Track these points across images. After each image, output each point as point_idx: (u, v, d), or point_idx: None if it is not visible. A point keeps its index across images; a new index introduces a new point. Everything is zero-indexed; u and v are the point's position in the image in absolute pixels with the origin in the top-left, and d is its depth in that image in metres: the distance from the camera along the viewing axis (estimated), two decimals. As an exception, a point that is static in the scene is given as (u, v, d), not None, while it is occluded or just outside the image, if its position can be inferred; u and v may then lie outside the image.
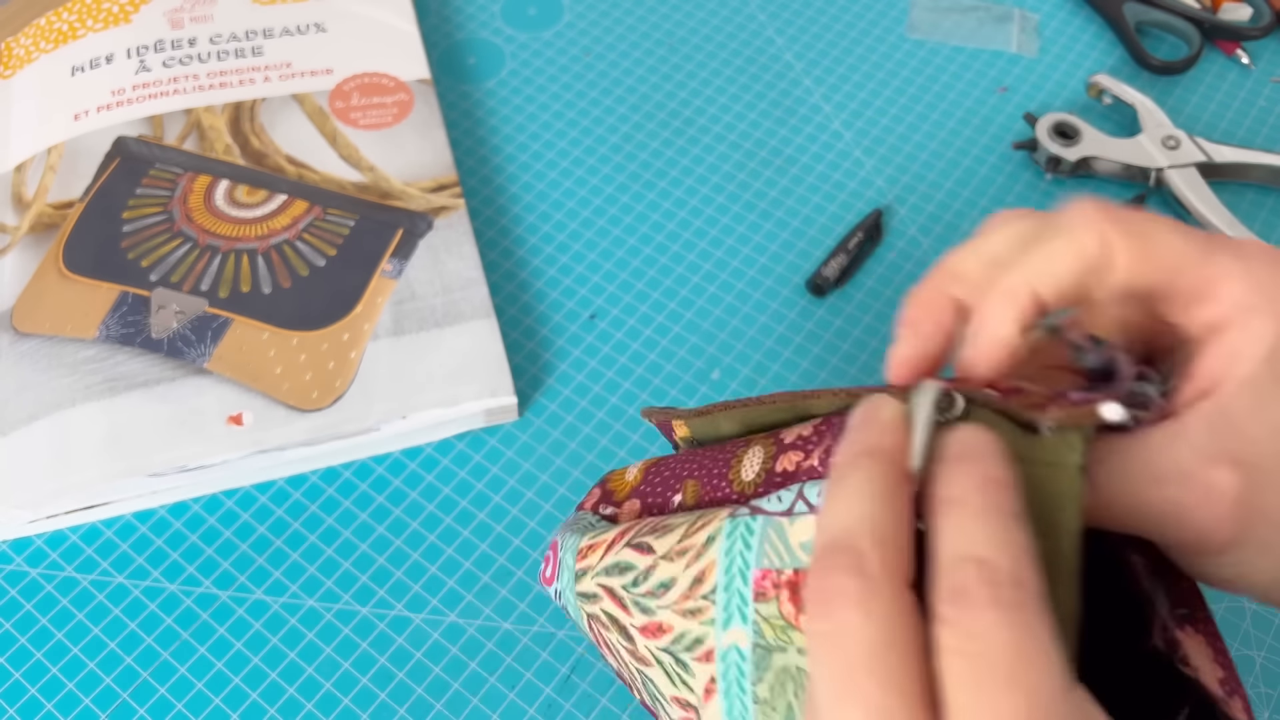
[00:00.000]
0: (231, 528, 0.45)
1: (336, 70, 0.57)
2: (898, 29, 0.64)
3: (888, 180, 0.57)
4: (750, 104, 0.60)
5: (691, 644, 0.29)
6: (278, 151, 0.54)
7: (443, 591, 0.44)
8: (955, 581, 0.21)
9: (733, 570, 0.28)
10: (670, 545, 0.30)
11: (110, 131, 0.54)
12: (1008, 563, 0.21)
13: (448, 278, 0.50)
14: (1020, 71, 0.62)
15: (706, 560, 0.29)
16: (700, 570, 0.29)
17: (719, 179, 0.57)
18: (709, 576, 0.29)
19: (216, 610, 0.43)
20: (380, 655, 0.43)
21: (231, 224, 0.51)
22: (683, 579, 0.29)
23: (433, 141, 0.55)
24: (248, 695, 0.42)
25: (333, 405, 0.46)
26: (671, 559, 0.30)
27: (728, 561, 0.28)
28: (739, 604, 0.28)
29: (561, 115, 0.59)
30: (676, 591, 0.30)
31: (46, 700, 0.41)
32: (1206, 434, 0.25)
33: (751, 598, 0.28)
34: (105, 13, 0.59)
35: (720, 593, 0.28)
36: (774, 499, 0.29)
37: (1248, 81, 0.62)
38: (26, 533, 0.45)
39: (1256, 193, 0.57)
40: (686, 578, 0.29)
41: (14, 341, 0.47)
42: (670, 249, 0.54)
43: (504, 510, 0.46)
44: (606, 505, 0.36)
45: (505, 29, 0.63)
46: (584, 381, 0.50)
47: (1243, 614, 0.44)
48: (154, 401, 0.46)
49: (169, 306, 0.48)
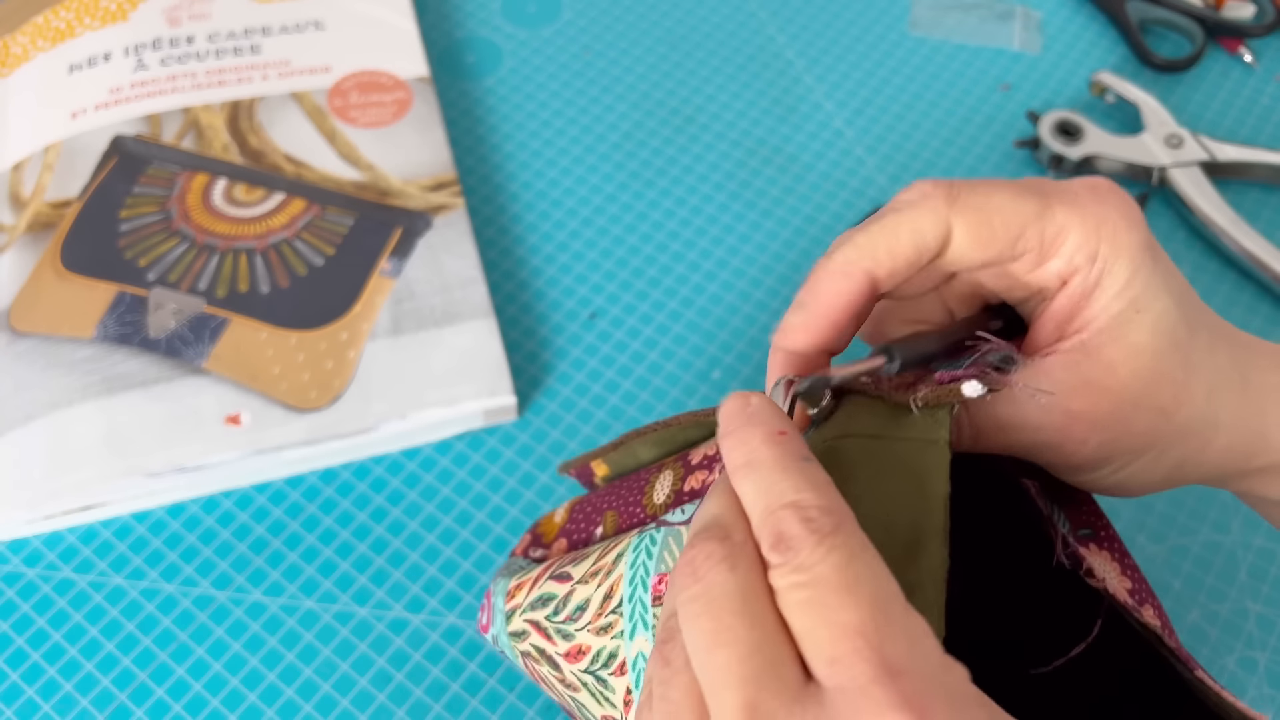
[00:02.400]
0: (229, 528, 0.45)
1: (335, 68, 0.57)
2: (900, 26, 0.63)
3: (889, 178, 0.57)
4: (751, 101, 0.60)
5: (607, 660, 0.31)
6: (276, 150, 0.54)
7: (442, 592, 0.44)
8: (774, 529, 0.22)
9: (635, 580, 0.30)
10: (585, 570, 0.32)
11: (108, 130, 0.54)
12: (814, 498, 0.22)
13: (447, 277, 0.50)
14: (1023, 69, 0.61)
15: (615, 576, 0.31)
16: (610, 586, 0.31)
17: (720, 177, 0.57)
18: (617, 591, 0.30)
19: (214, 611, 0.43)
20: (379, 656, 0.42)
21: (229, 223, 0.51)
22: (595, 598, 0.31)
23: (431, 140, 0.55)
24: (246, 696, 0.41)
25: (331, 405, 0.46)
26: (586, 581, 0.32)
27: (631, 573, 0.30)
28: (641, 611, 0.30)
29: (561, 113, 0.59)
30: (590, 612, 0.31)
31: (44, 701, 0.41)
32: (1065, 370, 0.27)
33: (650, 603, 0.29)
34: (103, 11, 0.58)
35: (625, 604, 0.30)
36: (678, 511, 0.31)
37: (1251, 79, 0.61)
38: (24, 533, 0.45)
39: (1260, 191, 0.56)
40: (598, 596, 0.31)
41: (11, 341, 0.47)
42: (670, 248, 0.54)
43: (503, 511, 0.46)
44: (536, 548, 0.38)
45: (504, 26, 0.63)
46: (584, 381, 0.50)
47: (1246, 616, 0.44)
48: (151, 401, 0.46)
49: (166, 306, 0.48)
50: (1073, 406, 0.27)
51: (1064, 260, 0.28)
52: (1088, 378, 0.27)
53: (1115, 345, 0.27)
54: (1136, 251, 0.27)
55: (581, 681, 0.32)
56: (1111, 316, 0.27)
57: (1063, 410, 0.27)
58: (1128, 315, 0.27)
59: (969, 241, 0.27)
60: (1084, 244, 0.27)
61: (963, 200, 0.27)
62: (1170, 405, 0.28)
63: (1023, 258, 0.28)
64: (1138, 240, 0.27)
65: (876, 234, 0.28)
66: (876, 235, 0.28)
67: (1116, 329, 0.27)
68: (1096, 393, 0.27)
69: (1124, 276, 0.27)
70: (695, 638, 0.22)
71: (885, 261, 0.27)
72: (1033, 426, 0.28)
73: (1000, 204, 0.27)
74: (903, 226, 0.27)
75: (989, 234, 0.27)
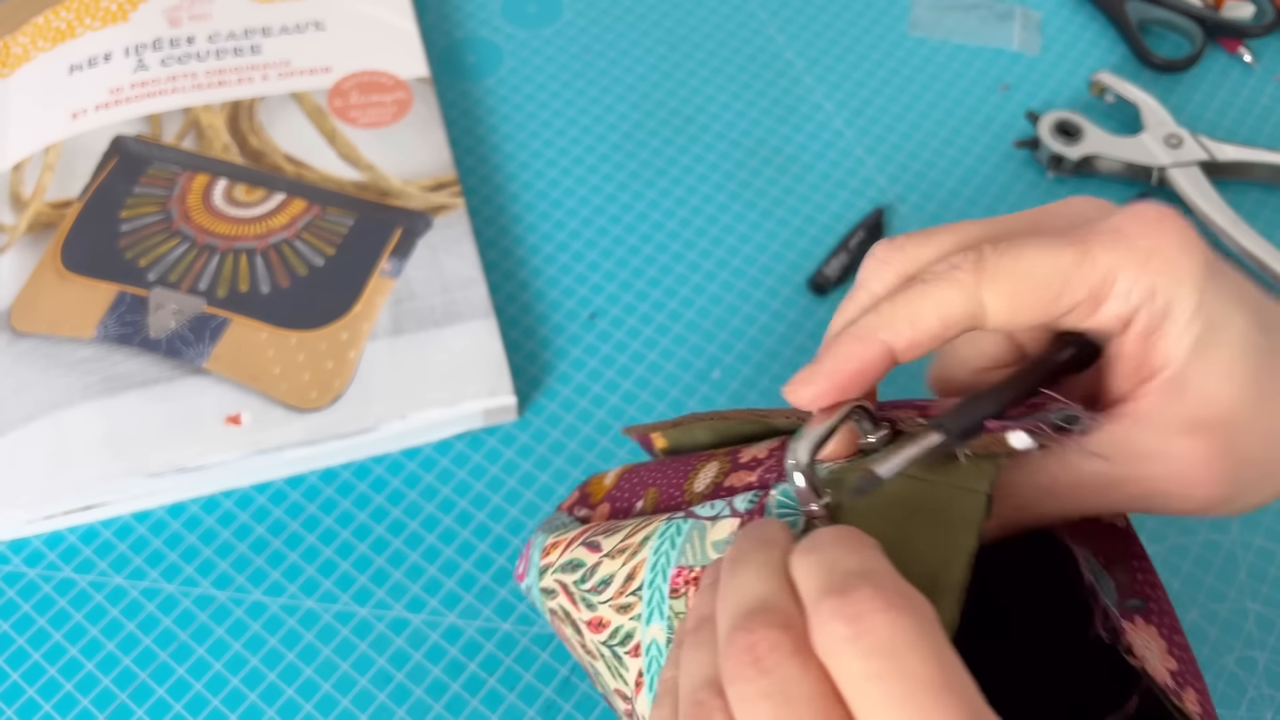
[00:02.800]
0: (230, 528, 0.45)
1: (335, 68, 0.57)
2: (899, 26, 0.63)
3: (889, 179, 0.57)
4: (751, 102, 0.60)
5: (624, 639, 0.31)
6: (276, 150, 0.54)
7: (442, 592, 0.44)
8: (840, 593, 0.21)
9: (657, 568, 0.30)
10: (614, 544, 0.32)
11: (108, 130, 0.54)
12: (888, 571, 0.21)
13: (447, 277, 0.50)
14: (1022, 69, 0.61)
15: (639, 559, 0.31)
16: (633, 567, 0.31)
17: (719, 177, 0.57)
18: (639, 574, 0.30)
19: (215, 611, 0.43)
20: (379, 656, 0.42)
21: (230, 223, 0.51)
22: (619, 575, 0.31)
23: (432, 140, 0.55)
24: (246, 696, 0.41)
25: (331, 405, 0.46)
26: (613, 556, 0.32)
27: (654, 559, 0.30)
28: (658, 600, 0.29)
29: (561, 113, 0.59)
30: (613, 588, 0.31)
31: (44, 701, 0.41)
32: (1164, 410, 0.26)
33: (668, 594, 0.29)
34: (103, 11, 0.58)
35: (645, 589, 0.30)
36: (708, 506, 0.30)
37: (1250, 79, 0.61)
38: (24, 533, 0.45)
39: (1260, 191, 0.57)
40: (622, 574, 0.31)
41: (11, 341, 0.47)
42: (670, 248, 0.54)
43: (503, 511, 0.46)
44: (582, 508, 0.38)
45: (505, 27, 0.63)
46: (584, 381, 0.50)
47: (1245, 615, 0.44)
48: (152, 401, 0.46)
49: (167, 306, 0.48)
50: (1184, 449, 0.25)
51: (1121, 301, 0.26)
52: (1191, 415, 0.25)
53: (1207, 373, 0.25)
54: (1198, 275, 0.25)
55: (599, 652, 0.32)
56: (1190, 346, 0.25)
57: (1178, 455, 0.25)
58: (1207, 341, 0.25)
59: (1006, 311, 0.26)
60: (1138, 281, 0.25)
61: (991, 268, 0.26)
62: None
63: (1074, 311, 0.26)
64: (1197, 262, 0.25)
65: (901, 305, 0.26)
66: (901, 306, 0.26)
67: (1202, 356, 0.25)
68: (1205, 430, 0.25)
69: (1191, 303, 0.25)
70: None
71: (906, 333, 0.26)
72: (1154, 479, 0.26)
73: (1032, 265, 0.25)
74: (927, 301, 0.26)
75: (1027, 300, 0.26)
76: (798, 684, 0.20)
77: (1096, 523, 0.29)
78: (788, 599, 0.22)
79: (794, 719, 0.20)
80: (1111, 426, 0.26)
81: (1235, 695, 0.42)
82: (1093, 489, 0.26)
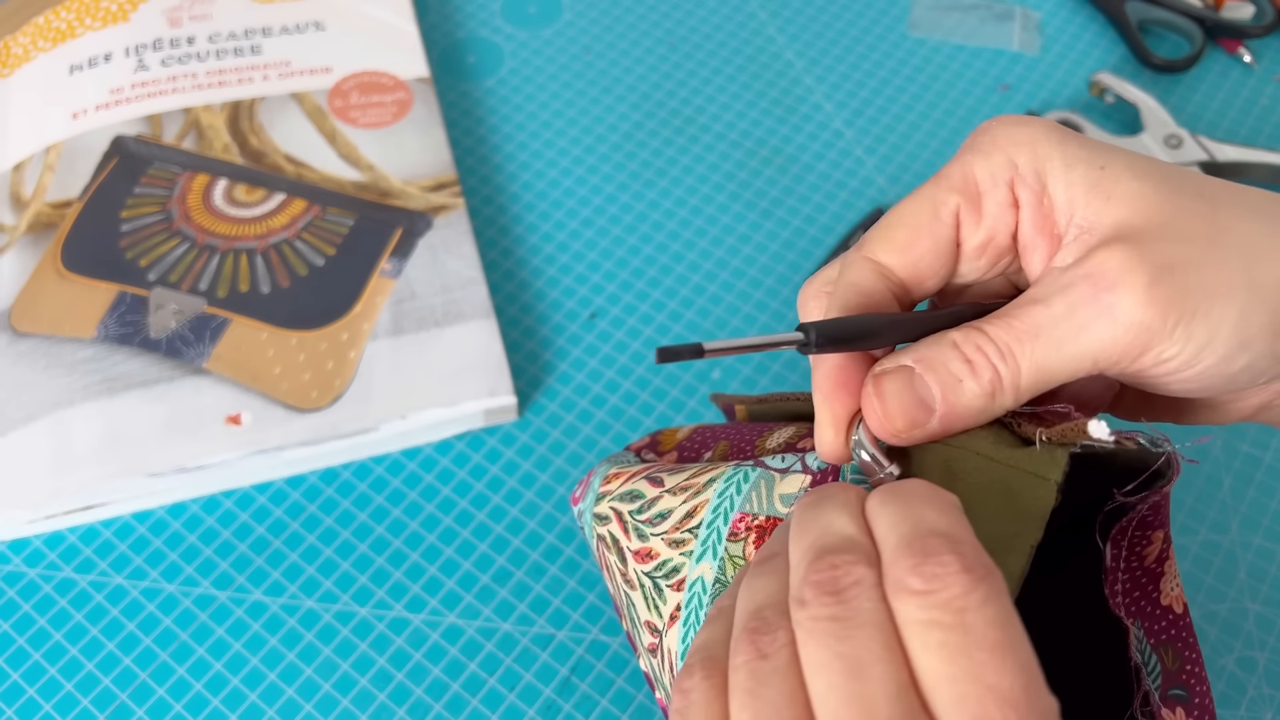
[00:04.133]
0: (230, 528, 0.45)
1: (335, 69, 0.57)
2: (899, 27, 0.63)
3: (889, 179, 0.57)
4: (751, 102, 0.60)
5: (669, 572, 0.31)
6: (276, 150, 0.54)
7: (442, 592, 0.44)
8: (922, 551, 0.21)
9: (720, 509, 0.30)
10: (678, 481, 0.33)
11: (108, 130, 0.54)
12: (968, 536, 0.21)
13: (447, 277, 0.50)
14: (1022, 70, 0.61)
15: (702, 498, 0.31)
16: (694, 506, 0.31)
17: (719, 178, 0.57)
18: (699, 512, 0.31)
19: (215, 611, 0.43)
20: (379, 656, 0.42)
21: (230, 223, 0.51)
22: (678, 511, 0.32)
23: (432, 140, 0.55)
24: (246, 696, 0.41)
25: (331, 405, 0.46)
26: (675, 493, 0.32)
27: (718, 501, 0.31)
28: (714, 540, 0.30)
29: (561, 114, 0.59)
30: (670, 522, 0.32)
31: (45, 701, 0.41)
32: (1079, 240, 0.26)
33: (725, 536, 0.30)
34: (104, 11, 0.58)
35: (703, 528, 0.31)
36: (779, 459, 0.31)
37: (1250, 80, 0.61)
38: (25, 533, 0.45)
39: (1259, 191, 0.57)
40: (681, 510, 0.32)
41: (12, 341, 0.47)
42: (670, 248, 0.54)
43: (503, 511, 0.46)
44: (649, 452, 0.39)
45: (505, 27, 0.63)
46: (584, 381, 0.50)
47: (1245, 615, 0.44)
48: (152, 401, 0.46)
49: (167, 306, 0.48)
50: (1099, 257, 0.25)
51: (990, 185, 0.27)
52: (1104, 233, 0.25)
53: (1106, 196, 0.25)
54: (1048, 134, 0.26)
55: (640, 582, 0.32)
56: (1081, 183, 0.26)
57: (1097, 264, 0.25)
58: (1096, 177, 0.26)
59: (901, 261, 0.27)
60: (990, 160, 0.26)
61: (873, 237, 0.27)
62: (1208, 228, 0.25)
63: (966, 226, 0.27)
64: (1039, 128, 0.26)
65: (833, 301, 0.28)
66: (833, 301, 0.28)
67: (1097, 188, 0.26)
68: (1117, 239, 0.25)
69: (1056, 152, 0.26)
70: (830, 660, 0.21)
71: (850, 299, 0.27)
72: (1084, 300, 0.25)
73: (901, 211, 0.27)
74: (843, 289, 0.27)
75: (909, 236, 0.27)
76: (871, 616, 0.21)
77: (1155, 601, 0.29)
78: (868, 541, 0.23)
79: (855, 648, 0.21)
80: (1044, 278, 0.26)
81: (1235, 695, 0.42)
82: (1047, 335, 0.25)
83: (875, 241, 0.28)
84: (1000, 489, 0.25)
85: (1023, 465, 0.25)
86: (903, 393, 0.26)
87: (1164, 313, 0.24)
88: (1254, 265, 0.25)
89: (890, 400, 0.26)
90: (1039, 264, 0.27)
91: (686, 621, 0.31)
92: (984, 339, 0.26)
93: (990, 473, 0.25)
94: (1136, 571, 0.28)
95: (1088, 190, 0.26)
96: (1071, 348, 0.25)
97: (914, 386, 0.26)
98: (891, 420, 0.26)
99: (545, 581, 0.44)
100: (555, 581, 0.44)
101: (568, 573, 0.44)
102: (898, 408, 0.26)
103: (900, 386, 0.26)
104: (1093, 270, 0.25)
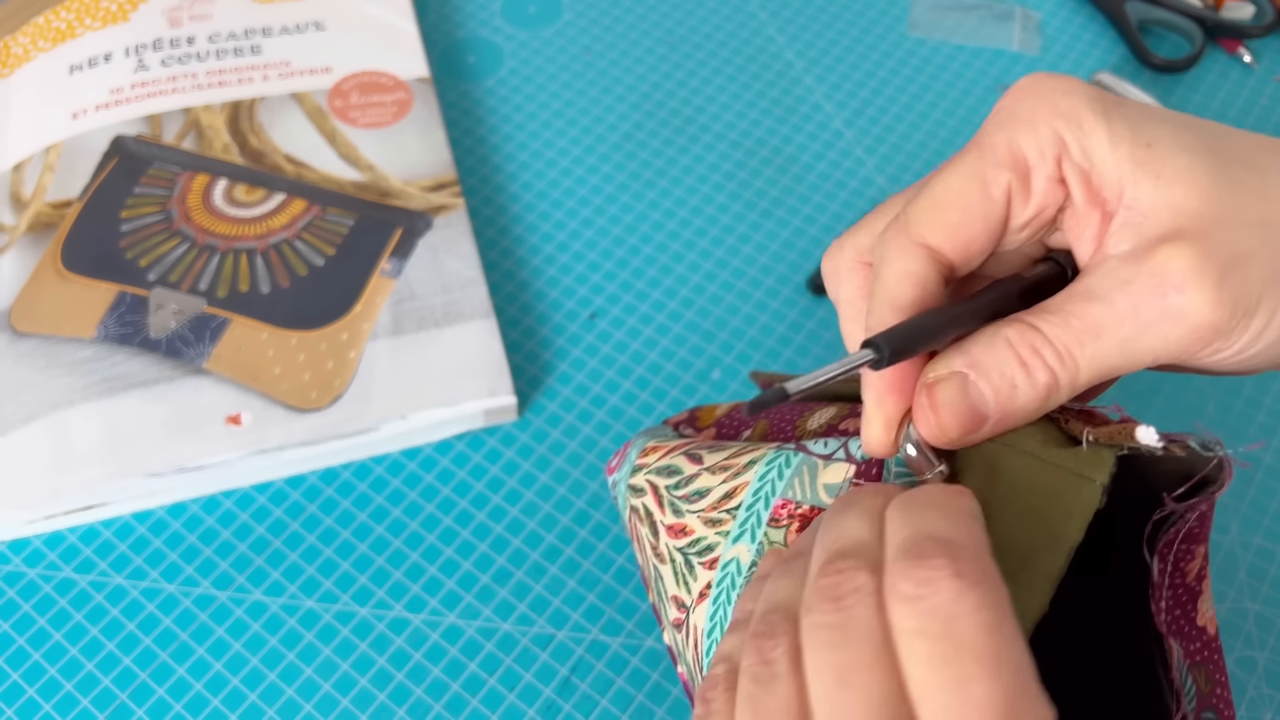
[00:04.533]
0: (230, 528, 0.45)
1: (335, 69, 0.57)
2: (899, 27, 0.63)
3: (889, 179, 0.57)
4: (751, 102, 0.60)
5: (703, 550, 0.31)
6: (276, 150, 0.54)
7: (442, 592, 0.44)
8: (916, 555, 0.21)
9: (761, 493, 0.30)
10: (717, 460, 0.33)
11: (108, 130, 0.54)
12: (969, 540, 0.21)
13: (447, 277, 0.50)
14: (1022, 70, 0.61)
15: (741, 480, 0.31)
16: (733, 487, 0.31)
17: (719, 178, 0.57)
18: (739, 494, 0.31)
19: (215, 611, 0.43)
20: (379, 656, 0.42)
21: (230, 223, 0.51)
22: (716, 491, 0.32)
23: (432, 140, 0.55)
24: (246, 696, 0.41)
25: (331, 405, 0.46)
26: (715, 472, 0.32)
27: (759, 485, 0.31)
28: (754, 524, 0.30)
29: (561, 114, 0.59)
30: (707, 501, 0.32)
31: (45, 701, 0.41)
32: (1136, 231, 0.24)
33: (767, 520, 0.30)
34: (104, 11, 0.58)
35: (742, 510, 0.31)
36: (821, 443, 0.31)
37: (1250, 80, 0.61)
38: (25, 533, 0.45)
39: (1259, 191, 0.56)
40: (720, 490, 0.32)
41: (12, 341, 0.47)
42: (670, 248, 0.54)
43: (503, 511, 0.46)
44: (687, 428, 0.39)
45: (505, 27, 0.63)
46: (584, 381, 0.50)
47: (1245, 615, 0.44)
48: (152, 401, 0.46)
49: (167, 306, 0.48)
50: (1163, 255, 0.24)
51: (1038, 159, 0.25)
52: (1162, 227, 0.24)
53: (1159, 182, 0.24)
54: (1091, 103, 0.25)
55: (671, 557, 0.32)
56: (1128, 163, 0.24)
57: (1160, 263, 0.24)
58: (1143, 156, 0.24)
59: (951, 241, 0.26)
60: (1038, 133, 0.25)
61: (913, 216, 0.26)
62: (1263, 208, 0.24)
63: (1016, 203, 0.26)
64: (1082, 97, 0.25)
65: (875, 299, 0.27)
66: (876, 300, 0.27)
67: (1146, 168, 0.24)
68: (1178, 234, 0.24)
69: (1102, 127, 0.25)
70: (822, 668, 0.21)
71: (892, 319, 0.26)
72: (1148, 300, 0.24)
73: (942, 187, 0.26)
74: (888, 278, 0.26)
75: (956, 218, 0.26)
76: (865, 625, 0.21)
77: (1193, 621, 0.28)
78: (879, 547, 0.23)
79: (848, 656, 0.21)
80: (1098, 268, 0.25)
81: (1235, 695, 0.42)
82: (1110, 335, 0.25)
83: (925, 223, 0.26)
84: (1044, 488, 0.24)
85: (1069, 465, 0.24)
86: (957, 402, 0.25)
87: (1231, 311, 0.24)
88: None
89: (944, 411, 0.25)
90: (1089, 241, 0.26)
91: (716, 600, 0.31)
92: (1041, 340, 0.25)
93: (1035, 471, 0.25)
94: (1179, 589, 0.28)
95: (1135, 168, 0.24)
96: (1134, 347, 0.24)
97: (968, 394, 0.25)
98: (946, 431, 0.25)
99: (545, 581, 0.44)
100: (555, 581, 0.44)
101: (568, 573, 0.44)
102: (952, 418, 0.25)
103: (955, 396, 0.25)
104: (1158, 269, 0.24)
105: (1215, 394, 0.50)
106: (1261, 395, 0.50)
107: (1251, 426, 0.49)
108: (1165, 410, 0.49)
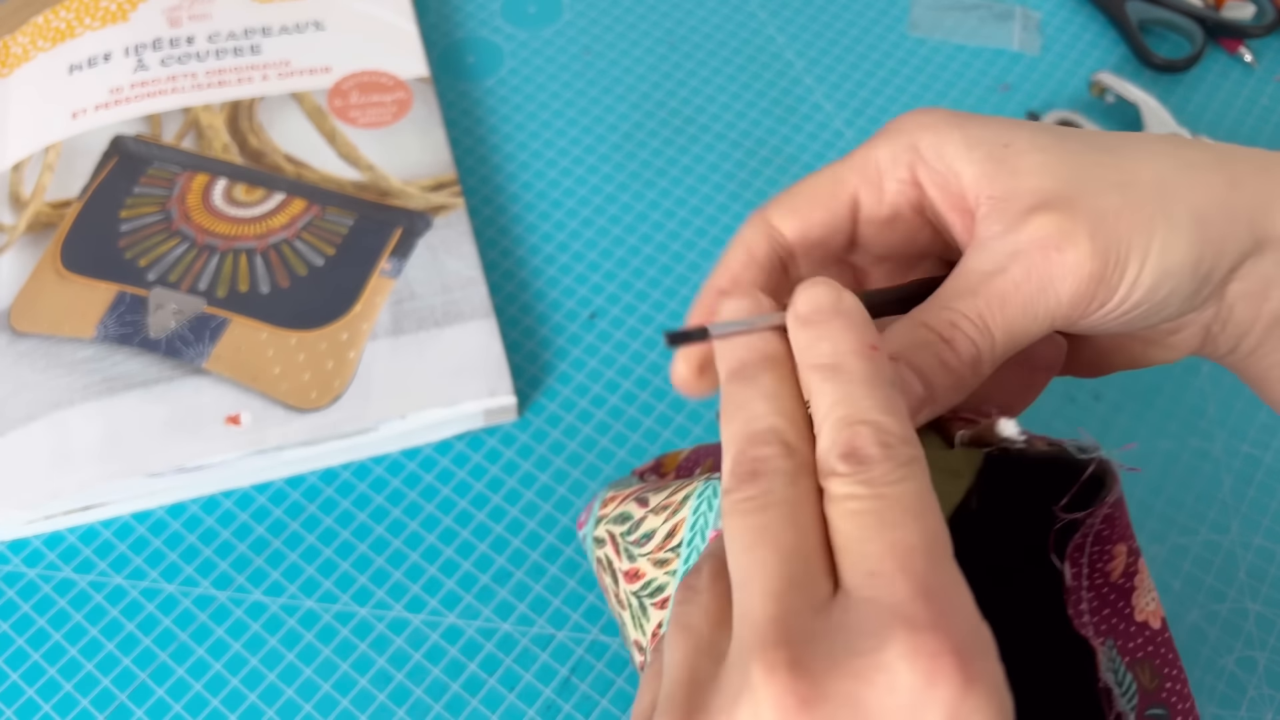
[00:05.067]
0: (230, 528, 0.45)
1: (335, 68, 0.57)
2: (899, 27, 0.63)
3: (889, 179, 0.57)
4: (751, 102, 0.60)
5: (654, 591, 0.32)
6: (276, 150, 0.54)
7: (442, 592, 0.44)
8: (849, 442, 0.22)
9: (695, 527, 0.31)
10: (659, 501, 0.33)
11: (108, 130, 0.54)
12: (897, 425, 0.22)
13: (447, 277, 0.50)
14: (1022, 70, 0.61)
15: (679, 517, 0.32)
16: (674, 525, 0.32)
17: (719, 178, 0.57)
18: (679, 531, 0.31)
19: (215, 611, 0.43)
20: (379, 656, 0.42)
21: (229, 223, 0.51)
22: (660, 531, 0.32)
23: (432, 140, 0.55)
24: (246, 696, 0.41)
25: (331, 405, 0.46)
26: (657, 512, 0.33)
27: (694, 519, 0.31)
28: (695, 557, 0.30)
29: (561, 114, 0.59)
30: (654, 543, 0.32)
31: (44, 701, 0.41)
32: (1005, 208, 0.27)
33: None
34: (103, 11, 0.58)
35: (684, 547, 0.31)
36: None
37: (1251, 80, 0.61)
38: (24, 533, 0.45)
39: (1259, 191, 0.56)
40: (663, 530, 0.32)
41: (11, 341, 0.47)
42: (670, 248, 0.54)
43: (503, 511, 0.46)
44: (651, 474, 0.39)
45: (505, 27, 0.63)
46: (584, 381, 0.50)
47: (1245, 615, 0.44)
48: (152, 401, 0.46)
49: (167, 306, 0.48)
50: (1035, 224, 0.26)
51: (891, 166, 0.28)
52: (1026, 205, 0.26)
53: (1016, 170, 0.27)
54: (948, 117, 0.28)
55: (628, 602, 0.33)
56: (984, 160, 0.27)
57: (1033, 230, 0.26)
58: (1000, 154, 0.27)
59: (792, 224, 0.29)
60: (894, 145, 0.28)
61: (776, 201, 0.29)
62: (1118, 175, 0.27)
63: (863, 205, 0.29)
64: (940, 115, 0.28)
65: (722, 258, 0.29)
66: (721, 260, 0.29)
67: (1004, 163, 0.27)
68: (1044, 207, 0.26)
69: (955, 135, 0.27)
70: (738, 535, 0.22)
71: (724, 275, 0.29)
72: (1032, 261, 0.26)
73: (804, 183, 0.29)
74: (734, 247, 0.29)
75: (804, 205, 0.29)
76: (781, 494, 0.22)
77: (1129, 618, 0.28)
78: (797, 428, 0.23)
79: (765, 518, 0.22)
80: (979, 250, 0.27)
81: (1235, 695, 0.42)
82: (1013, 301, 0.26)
83: (774, 206, 0.29)
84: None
85: (938, 464, 0.25)
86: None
87: (1105, 259, 0.26)
88: (1165, 202, 0.26)
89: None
90: (963, 234, 0.28)
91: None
92: (956, 314, 0.26)
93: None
94: (1103, 589, 0.28)
95: (995, 166, 0.27)
96: (1035, 309, 0.26)
97: (904, 382, 0.26)
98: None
99: (545, 581, 0.44)
100: (555, 581, 0.44)
101: (568, 573, 0.44)
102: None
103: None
104: (1037, 234, 0.26)
105: (1215, 394, 0.49)
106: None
107: (1252, 426, 0.49)
108: (1166, 410, 0.49)
